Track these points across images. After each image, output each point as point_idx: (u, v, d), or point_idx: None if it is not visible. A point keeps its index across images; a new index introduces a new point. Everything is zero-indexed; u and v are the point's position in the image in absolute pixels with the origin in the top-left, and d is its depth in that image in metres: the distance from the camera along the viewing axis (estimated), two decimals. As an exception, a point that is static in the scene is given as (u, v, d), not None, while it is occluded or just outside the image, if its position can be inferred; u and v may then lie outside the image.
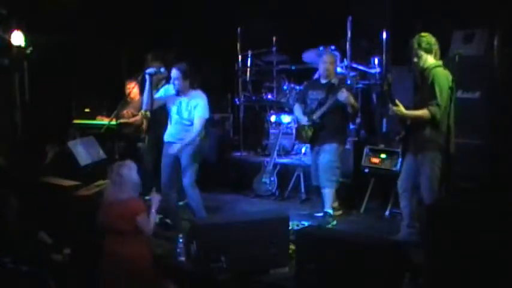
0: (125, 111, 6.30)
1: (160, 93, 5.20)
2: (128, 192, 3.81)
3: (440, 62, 4.43)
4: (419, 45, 4.44)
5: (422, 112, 4.32)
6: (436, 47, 4.44)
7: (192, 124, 4.97)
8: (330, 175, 5.41)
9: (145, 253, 3.86)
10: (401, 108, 4.38)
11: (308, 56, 7.18)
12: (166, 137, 5.13)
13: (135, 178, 3.87)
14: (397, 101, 4.38)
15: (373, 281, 3.46)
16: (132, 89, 6.03)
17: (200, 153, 5.12)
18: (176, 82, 4.97)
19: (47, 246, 4.23)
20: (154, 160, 5.54)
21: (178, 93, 5.02)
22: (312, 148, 5.73)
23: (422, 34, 4.47)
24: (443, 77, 4.29)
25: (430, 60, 4.43)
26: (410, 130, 4.52)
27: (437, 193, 4.37)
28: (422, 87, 4.47)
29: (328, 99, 5.39)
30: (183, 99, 5.01)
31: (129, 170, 3.87)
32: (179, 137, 5.01)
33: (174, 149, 4.94)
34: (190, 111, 4.98)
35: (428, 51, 4.42)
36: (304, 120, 5.55)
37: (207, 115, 5.03)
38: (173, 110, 5.05)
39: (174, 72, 4.97)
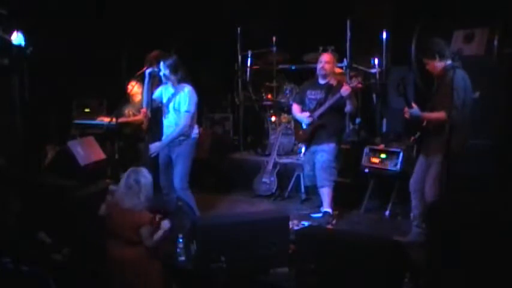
0: (126, 111, 6.30)
1: (157, 92, 5.20)
2: (142, 201, 3.78)
3: (457, 63, 4.40)
4: (427, 52, 4.43)
5: (439, 114, 4.31)
6: (444, 48, 4.43)
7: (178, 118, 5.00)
8: (328, 175, 5.41)
9: (148, 255, 3.81)
10: (417, 111, 4.38)
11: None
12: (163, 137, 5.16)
13: (150, 190, 3.83)
14: (413, 104, 4.37)
15: (373, 281, 3.46)
16: (133, 87, 6.04)
17: (193, 154, 5.11)
18: (165, 71, 4.98)
19: (47, 246, 4.22)
20: (151, 161, 5.54)
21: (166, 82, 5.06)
22: (308, 147, 5.71)
23: (430, 38, 4.47)
24: (460, 78, 4.26)
25: (441, 63, 4.41)
26: (425, 131, 4.52)
27: (439, 193, 4.38)
28: (439, 89, 4.44)
29: (327, 99, 5.38)
30: (167, 89, 5.07)
31: (146, 180, 3.83)
32: (169, 131, 5.06)
33: (152, 149, 4.94)
34: (174, 103, 5.01)
35: (438, 55, 4.41)
36: (305, 117, 5.51)
37: (192, 109, 4.97)
38: (164, 103, 5.08)
39: (162, 64, 4.99)
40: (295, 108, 5.70)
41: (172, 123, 5.05)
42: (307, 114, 5.49)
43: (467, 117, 4.35)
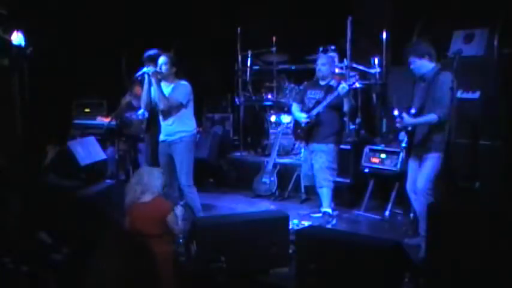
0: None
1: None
2: (152, 194, 3.86)
3: (439, 65, 4.45)
4: (417, 50, 4.46)
5: (430, 117, 4.33)
6: (433, 51, 4.47)
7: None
8: (327, 175, 5.40)
9: (169, 255, 3.83)
10: (410, 119, 4.41)
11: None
12: (160, 136, 5.17)
13: (157, 184, 3.90)
14: (403, 114, 4.41)
15: (373, 281, 3.46)
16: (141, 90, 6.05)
17: (194, 149, 5.15)
18: (163, 67, 5.00)
19: (47, 246, 4.22)
20: (152, 160, 5.54)
21: (162, 79, 5.04)
22: (306, 146, 5.71)
23: (418, 39, 4.51)
24: (446, 79, 4.30)
25: (430, 64, 4.44)
26: (412, 135, 4.52)
27: (434, 192, 4.38)
28: (427, 91, 4.45)
29: (326, 98, 5.38)
30: (167, 87, 5.04)
31: (151, 176, 3.90)
32: (167, 132, 5.06)
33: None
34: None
35: (427, 55, 4.43)
36: (302, 117, 5.51)
37: (182, 100, 5.01)
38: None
39: (162, 58, 5.02)
40: (295, 107, 5.72)
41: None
42: (304, 115, 5.50)
43: (453, 116, 4.40)
